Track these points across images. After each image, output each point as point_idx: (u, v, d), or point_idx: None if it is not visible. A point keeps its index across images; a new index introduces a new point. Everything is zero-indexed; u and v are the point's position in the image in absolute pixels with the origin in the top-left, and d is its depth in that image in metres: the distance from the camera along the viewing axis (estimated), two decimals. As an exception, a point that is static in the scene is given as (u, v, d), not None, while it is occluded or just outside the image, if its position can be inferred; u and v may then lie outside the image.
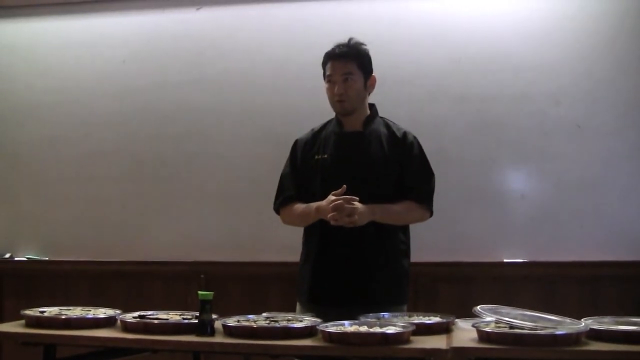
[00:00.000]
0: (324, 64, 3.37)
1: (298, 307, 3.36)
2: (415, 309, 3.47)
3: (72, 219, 4.78)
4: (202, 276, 4.35)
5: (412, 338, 2.59)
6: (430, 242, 4.18)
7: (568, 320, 2.70)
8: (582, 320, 2.69)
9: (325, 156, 3.32)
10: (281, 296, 4.35)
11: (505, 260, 3.76)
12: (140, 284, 4.59)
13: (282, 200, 3.40)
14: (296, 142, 3.45)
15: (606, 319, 2.75)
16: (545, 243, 4.20)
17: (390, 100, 4.37)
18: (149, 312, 2.99)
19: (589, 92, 4.26)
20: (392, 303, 3.21)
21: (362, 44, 3.35)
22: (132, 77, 4.74)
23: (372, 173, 3.28)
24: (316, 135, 3.41)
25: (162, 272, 4.57)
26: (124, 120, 4.73)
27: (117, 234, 4.70)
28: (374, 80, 3.36)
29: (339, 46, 3.33)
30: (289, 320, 2.80)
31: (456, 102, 4.38)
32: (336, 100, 3.31)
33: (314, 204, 3.23)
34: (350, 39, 3.34)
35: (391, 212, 3.23)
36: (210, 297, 2.72)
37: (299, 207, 3.33)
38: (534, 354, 2.50)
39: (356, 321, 2.75)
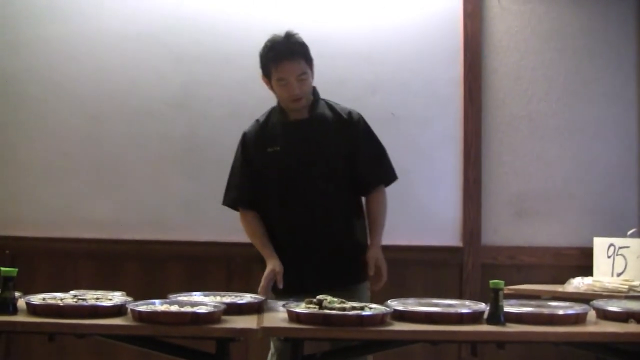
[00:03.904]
0: (266, 65, 3.25)
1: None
2: (229, 288, 3.48)
3: None
4: (7, 252, 4.14)
5: (223, 318, 2.60)
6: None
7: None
8: (388, 301, 2.80)
9: (278, 148, 3.27)
10: (92, 273, 4.21)
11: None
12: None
13: (230, 203, 3.38)
14: (245, 135, 3.37)
15: (410, 301, 2.88)
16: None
17: (210, 79, 4.36)
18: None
19: (403, 82, 4.42)
20: (354, 282, 3.23)
21: (297, 34, 3.26)
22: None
23: (324, 158, 3.27)
24: (263, 127, 3.33)
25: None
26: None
27: None
28: (313, 65, 3.31)
29: (284, 45, 3.22)
30: (97, 298, 2.72)
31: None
32: (292, 100, 3.24)
33: (269, 255, 3.22)
34: (288, 34, 3.24)
35: (382, 224, 3.31)
36: (14, 274, 2.59)
37: (257, 230, 3.30)
38: (341, 334, 2.58)
39: (167, 300, 2.72)
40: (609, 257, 4.12)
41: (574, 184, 4.59)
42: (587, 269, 4.24)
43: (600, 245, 4.21)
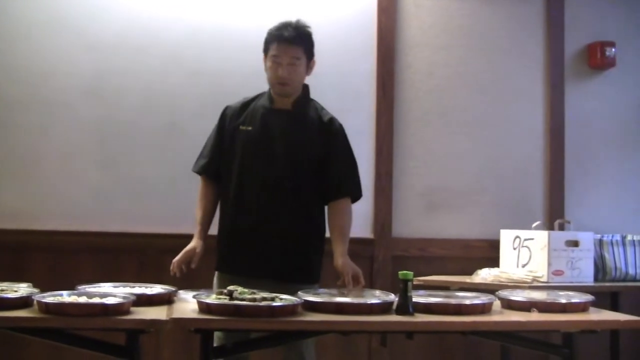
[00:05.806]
0: (268, 42, 3.31)
1: (216, 275, 3.35)
2: (141, 280, 3.44)
3: None
4: None
5: (133, 309, 2.58)
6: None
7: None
8: (299, 292, 2.82)
9: (250, 128, 3.30)
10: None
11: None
12: None
13: (198, 169, 3.42)
14: (226, 108, 3.43)
15: (320, 291, 2.92)
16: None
17: (124, 68, 4.30)
18: None
19: (316, 75, 4.16)
20: (304, 282, 3.19)
21: (308, 26, 3.32)
22: None
23: (292, 152, 3.27)
24: (246, 106, 3.39)
25: None
26: None
27: None
28: (314, 64, 3.36)
29: (287, 28, 3.27)
30: (2, 290, 2.66)
31: (190, 75, 4.37)
32: (278, 83, 3.27)
33: (198, 234, 3.30)
34: (298, 21, 3.30)
35: (348, 235, 3.33)
36: None
37: (205, 205, 3.38)
38: (252, 325, 2.60)
39: (75, 291, 2.68)
40: (514, 249, 4.24)
41: (483, 178, 4.69)
42: (494, 261, 4.35)
43: (506, 237, 4.33)
